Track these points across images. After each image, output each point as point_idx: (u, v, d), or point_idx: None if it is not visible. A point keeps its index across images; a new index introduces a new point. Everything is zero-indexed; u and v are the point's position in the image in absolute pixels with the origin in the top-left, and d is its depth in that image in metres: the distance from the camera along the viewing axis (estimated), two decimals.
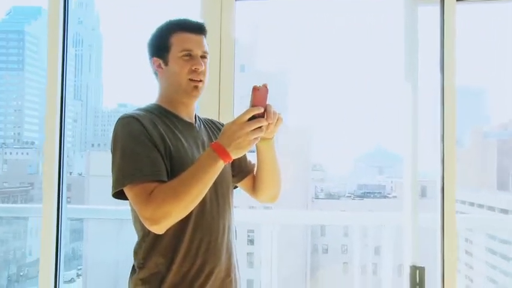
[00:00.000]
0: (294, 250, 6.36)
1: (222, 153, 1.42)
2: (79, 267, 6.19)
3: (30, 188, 7.26)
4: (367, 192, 6.76)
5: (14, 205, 6.69)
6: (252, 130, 1.41)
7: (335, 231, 6.49)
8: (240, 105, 2.56)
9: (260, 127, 1.42)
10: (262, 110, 1.43)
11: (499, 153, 6.13)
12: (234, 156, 1.43)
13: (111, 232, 5.20)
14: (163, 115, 1.61)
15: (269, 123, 1.45)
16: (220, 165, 1.43)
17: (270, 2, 2.74)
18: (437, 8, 2.52)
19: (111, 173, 1.51)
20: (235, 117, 1.43)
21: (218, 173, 1.45)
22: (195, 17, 1.68)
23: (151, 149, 1.49)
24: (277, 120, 1.48)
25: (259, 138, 1.45)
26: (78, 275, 6.21)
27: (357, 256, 4.48)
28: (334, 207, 6.62)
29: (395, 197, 6.48)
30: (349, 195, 6.73)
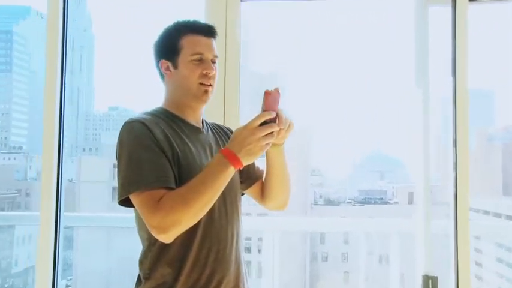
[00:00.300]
0: (293, 258, 6.21)
1: (233, 159, 1.38)
2: (69, 278, 5.99)
3: (18, 194, 7.06)
4: (368, 198, 6.60)
5: (0, 213, 6.50)
6: (263, 136, 1.37)
7: (335, 239, 6.33)
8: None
9: (271, 132, 1.39)
10: (274, 114, 1.39)
11: (503, 157, 5.98)
12: (245, 162, 1.40)
13: (103, 240, 5.02)
14: (170, 119, 1.56)
15: (280, 129, 1.42)
16: (231, 171, 1.40)
17: (272, 2, 2.65)
18: (448, 8, 2.45)
19: (116, 180, 1.46)
20: (246, 121, 1.40)
21: (228, 180, 1.41)
22: (199, 17, 1.64)
23: (159, 155, 1.44)
24: (289, 125, 1.46)
25: (270, 144, 1.41)
26: (67, 286, 6.00)
27: (358, 264, 4.33)
28: (334, 213, 6.47)
29: (396, 202, 6.32)
30: (350, 201, 6.57)
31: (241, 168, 1.42)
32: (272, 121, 1.39)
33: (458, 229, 2.50)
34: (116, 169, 1.48)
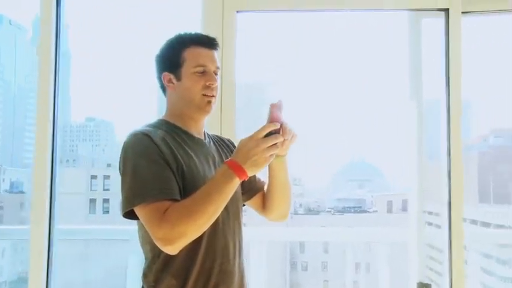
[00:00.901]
0: (273, 267, 6.20)
1: (238, 170, 1.38)
2: None
3: None
4: (348, 207, 6.64)
5: None
6: (268, 147, 1.38)
7: (314, 248, 6.36)
8: None
9: (276, 143, 1.39)
10: (278, 126, 1.41)
11: (480, 165, 6.11)
12: (250, 173, 1.40)
13: (82, 253, 4.91)
14: (173, 131, 1.56)
15: (284, 140, 1.43)
16: (236, 183, 1.39)
17: (259, 14, 2.68)
18: (441, 20, 2.51)
19: (120, 192, 1.45)
20: (252, 133, 1.41)
21: (234, 191, 1.40)
22: (195, 28, 1.67)
23: (164, 167, 1.44)
24: (292, 136, 1.47)
25: (274, 155, 1.41)
26: None
27: (337, 273, 4.33)
28: (314, 222, 6.49)
29: (375, 211, 6.39)
30: (329, 210, 6.60)
31: (246, 180, 1.42)
32: (276, 132, 1.41)
33: (452, 238, 2.53)
34: (120, 181, 1.47)
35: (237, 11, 2.47)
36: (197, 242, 1.45)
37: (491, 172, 6.03)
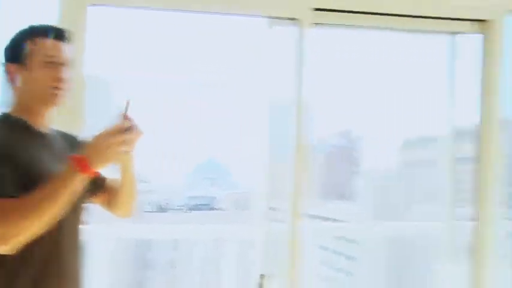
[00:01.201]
0: (119, 265, 6.07)
1: (85, 166, 1.38)
2: None
3: None
4: (199, 205, 6.68)
5: None
6: (116, 143, 1.42)
7: (163, 245, 6.31)
8: None
9: (124, 140, 1.45)
10: (129, 123, 1.49)
11: (325, 165, 6.50)
12: (97, 169, 1.44)
13: None
14: (16, 125, 1.53)
15: (133, 137, 1.50)
16: (82, 178, 1.41)
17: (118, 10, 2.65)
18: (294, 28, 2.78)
19: None
20: (101, 130, 1.45)
21: (80, 188, 1.42)
22: (52, 22, 1.70)
23: (0, 163, 1.40)
24: (137, 133, 1.53)
25: (122, 152, 1.48)
26: None
27: (186, 271, 4.42)
28: (163, 220, 6.45)
29: (224, 209, 6.52)
30: (179, 207, 6.59)
31: (92, 176, 1.46)
32: (126, 129, 1.47)
33: (293, 233, 2.69)
34: None
35: (89, 5, 2.48)
36: (34, 241, 1.40)
37: (333, 170, 6.45)
